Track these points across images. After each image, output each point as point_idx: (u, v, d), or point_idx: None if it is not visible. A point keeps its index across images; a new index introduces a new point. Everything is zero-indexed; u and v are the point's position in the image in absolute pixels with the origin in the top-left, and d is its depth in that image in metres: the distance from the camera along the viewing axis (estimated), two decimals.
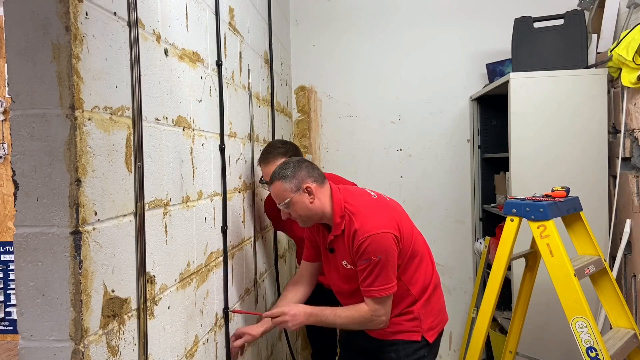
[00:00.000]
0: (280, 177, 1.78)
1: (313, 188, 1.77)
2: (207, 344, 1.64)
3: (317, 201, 1.78)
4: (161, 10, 1.34)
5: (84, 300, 0.95)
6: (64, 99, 0.93)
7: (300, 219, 1.82)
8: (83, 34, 0.97)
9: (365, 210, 1.77)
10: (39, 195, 0.94)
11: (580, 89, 2.53)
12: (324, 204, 1.80)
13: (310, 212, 1.79)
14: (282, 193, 1.78)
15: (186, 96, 1.51)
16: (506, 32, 2.84)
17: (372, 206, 1.80)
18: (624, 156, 2.44)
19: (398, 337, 1.83)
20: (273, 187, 1.81)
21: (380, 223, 1.73)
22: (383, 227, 1.72)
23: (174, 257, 1.39)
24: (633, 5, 2.45)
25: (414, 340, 1.82)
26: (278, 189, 1.78)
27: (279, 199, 1.80)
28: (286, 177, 1.77)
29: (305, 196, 1.77)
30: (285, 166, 1.81)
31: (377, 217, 1.75)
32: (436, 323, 1.87)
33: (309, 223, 1.86)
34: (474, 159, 3.40)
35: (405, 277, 1.81)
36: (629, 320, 2.03)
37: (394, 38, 3.46)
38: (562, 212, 2.00)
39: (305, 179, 1.78)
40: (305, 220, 1.83)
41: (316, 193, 1.78)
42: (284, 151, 2.16)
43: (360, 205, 1.78)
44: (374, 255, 1.69)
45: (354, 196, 1.83)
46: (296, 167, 1.79)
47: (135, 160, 1.16)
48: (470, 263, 3.45)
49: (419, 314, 1.83)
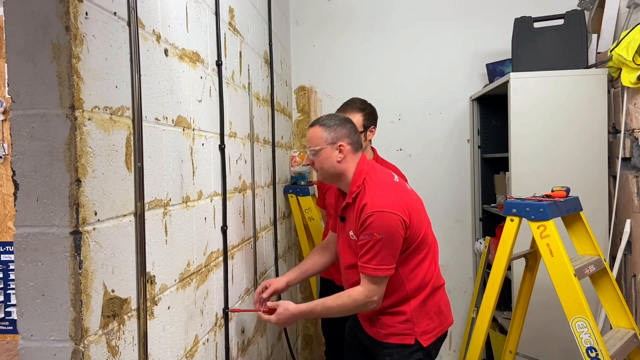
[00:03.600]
0: (322, 124, 1.82)
1: (346, 149, 1.79)
2: (207, 344, 1.64)
3: (344, 163, 1.80)
4: (161, 10, 1.34)
5: (84, 300, 0.95)
6: (64, 99, 0.93)
7: (321, 171, 1.84)
8: (83, 34, 0.97)
9: (380, 187, 1.75)
10: (39, 195, 0.94)
11: (580, 89, 2.53)
12: (348, 169, 1.80)
13: (332, 169, 1.81)
14: (316, 139, 1.81)
15: (186, 96, 1.51)
16: (506, 32, 2.84)
17: (389, 186, 1.77)
18: (624, 156, 2.44)
19: (391, 340, 1.80)
20: (311, 130, 1.84)
21: (391, 203, 1.69)
22: (392, 207, 1.68)
23: (174, 257, 1.39)
24: (633, 5, 2.45)
25: (407, 343, 1.78)
26: (314, 134, 1.82)
27: (311, 142, 1.83)
28: (328, 126, 1.80)
29: (335, 152, 1.79)
30: (331, 116, 1.85)
31: (390, 197, 1.72)
32: (432, 327, 1.82)
33: (327, 179, 1.87)
34: (474, 159, 3.40)
35: (403, 270, 1.77)
36: (629, 320, 2.03)
37: (394, 38, 3.46)
38: (562, 212, 2.00)
39: (343, 137, 1.80)
40: (324, 174, 1.84)
41: (346, 155, 1.80)
42: (362, 107, 2.36)
43: (378, 182, 1.77)
44: (377, 231, 1.66)
45: (376, 173, 1.82)
46: (340, 123, 1.82)
47: (135, 160, 1.16)
48: (470, 263, 3.45)
49: (411, 316, 1.78)
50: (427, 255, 1.82)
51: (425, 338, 1.79)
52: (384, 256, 1.68)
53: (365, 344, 1.93)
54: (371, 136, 2.43)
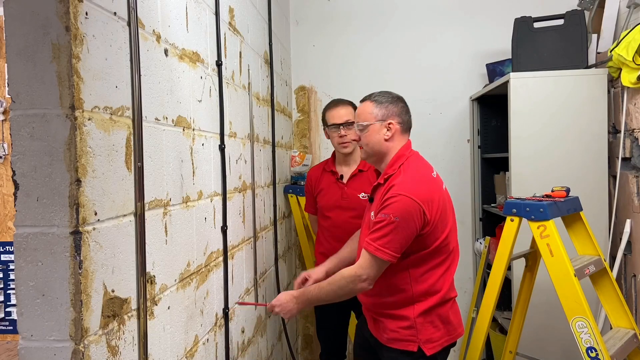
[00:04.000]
0: (373, 99, 1.80)
1: (394, 128, 1.77)
2: (207, 344, 1.64)
3: (390, 142, 1.77)
4: (161, 10, 1.34)
5: (84, 300, 0.95)
6: (64, 99, 0.93)
7: (366, 147, 1.81)
8: (83, 34, 0.97)
9: (414, 175, 1.71)
10: (39, 195, 0.94)
11: (580, 89, 2.53)
12: (393, 148, 1.78)
13: (377, 147, 1.78)
14: (366, 114, 1.79)
15: (186, 96, 1.51)
16: (506, 32, 2.83)
17: (423, 178, 1.73)
18: (624, 156, 2.44)
19: (393, 345, 1.77)
20: (362, 105, 1.82)
21: (418, 192, 1.64)
22: (417, 196, 1.63)
23: (174, 257, 1.39)
24: (633, 5, 2.45)
25: (409, 350, 1.73)
26: (365, 108, 1.80)
27: (360, 117, 1.80)
28: (379, 102, 1.78)
29: (383, 130, 1.77)
30: (384, 93, 1.83)
31: (419, 186, 1.67)
32: (438, 336, 1.75)
33: (370, 157, 1.83)
34: (474, 159, 3.40)
35: (414, 272, 1.72)
36: (629, 320, 2.03)
37: (394, 38, 3.46)
38: (562, 212, 2.00)
39: (394, 115, 1.78)
40: (368, 152, 1.82)
41: (394, 134, 1.78)
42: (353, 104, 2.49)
43: (414, 170, 1.73)
44: (393, 213, 1.62)
45: (416, 161, 1.78)
46: (392, 101, 1.80)
47: (135, 160, 1.16)
48: (470, 263, 3.45)
49: (415, 322, 1.74)
50: (443, 262, 1.75)
51: (429, 347, 1.73)
52: (391, 240, 1.62)
53: (371, 344, 1.92)
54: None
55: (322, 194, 2.57)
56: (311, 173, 2.69)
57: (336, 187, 2.53)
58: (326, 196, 2.56)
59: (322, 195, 2.57)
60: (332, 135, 2.51)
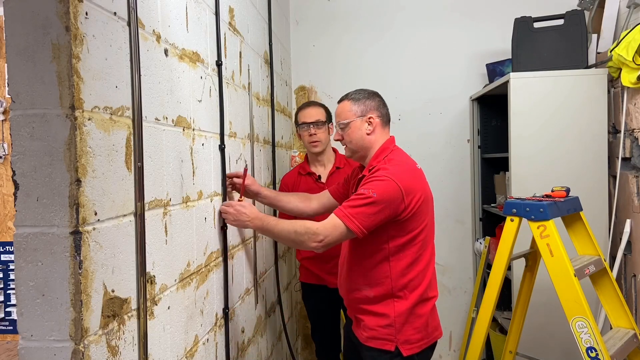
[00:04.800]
0: (350, 98, 1.84)
1: (375, 122, 1.81)
2: (207, 344, 1.64)
3: (372, 135, 1.80)
4: (161, 10, 1.34)
5: (84, 300, 0.95)
6: (64, 99, 0.93)
7: (350, 145, 1.84)
8: (83, 34, 0.97)
9: (398, 163, 1.74)
10: (39, 195, 0.94)
11: (580, 89, 2.53)
12: (376, 142, 1.81)
13: (361, 142, 1.81)
14: (345, 112, 1.83)
15: (186, 96, 1.51)
16: (506, 32, 2.84)
17: (407, 167, 1.76)
18: (624, 156, 2.44)
19: (372, 343, 1.76)
20: (339, 105, 1.87)
21: (400, 177, 1.67)
22: (398, 179, 1.66)
23: (174, 257, 1.39)
24: (633, 5, 2.45)
25: (386, 349, 1.73)
26: (343, 108, 1.84)
27: (340, 117, 1.84)
28: (356, 99, 1.82)
29: (365, 125, 1.80)
30: (359, 91, 1.87)
31: (402, 173, 1.70)
32: (417, 338, 1.75)
33: (355, 154, 1.86)
34: (474, 159, 3.40)
35: (395, 264, 1.73)
36: (629, 320, 2.03)
37: (394, 38, 3.46)
38: (562, 212, 2.00)
39: (372, 110, 1.81)
40: (352, 149, 1.85)
41: (376, 128, 1.81)
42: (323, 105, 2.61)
43: (398, 161, 1.76)
44: (373, 189, 1.63)
45: (400, 155, 1.81)
46: (369, 96, 1.84)
47: (135, 160, 1.16)
48: (470, 263, 3.45)
49: (394, 321, 1.73)
50: (421, 257, 1.76)
51: (407, 347, 1.73)
52: (363, 212, 1.62)
53: (354, 342, 1.92)
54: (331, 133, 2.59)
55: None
56: (286, 179, 2.67)
57: (316, 188, 2.51)
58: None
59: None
60: (303, 134, 2.56)
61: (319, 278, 2.56)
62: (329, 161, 2.59)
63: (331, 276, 2.50)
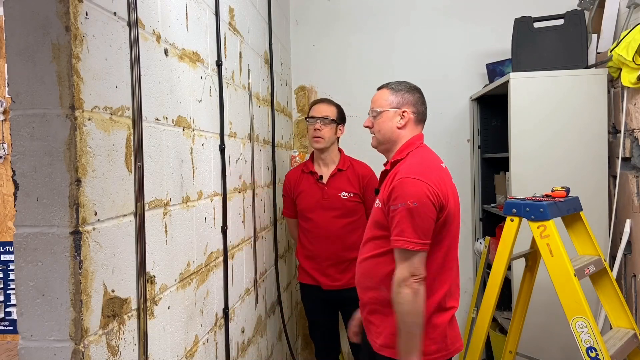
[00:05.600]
0: (390, 87, 1.81)
1: (408, 117, 1.76)
2: (207, 344, 1.64)
3: (402, 130, 1.76)
4: (161, 10, 1.34)
5: (84, 300, 0.95)
6: (64, 99, 0.93)
7: (378, 135, 1.80)
8: (83, 34, 0.97)
9: (422, 161, 1.67)
10: (39, 195, 0.94)
11: (580, 89, 2.53)
12: (404, 137, 1.77)
13: (389, 134, 1.77)
14: (381, 100, 1.79)
15: (186, 96, 1.51)
16: (506, 32, 2.83)
17: (432, 164, 1.69)
18: (624, 156, 2.44)
19: (386, 352, 1.67)
20: (378, 92, 1.83)
21: (427, 176, 1.59)
22: (426, 179, 1.58)
23: (174, 257, 1.39)
24: (633, 5, 2.45)
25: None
26: (380, 95, 1.81)
27: (375, 104, 1.81)
28: (395, 90, 1.79)
29: (397, 118, 1.76)
30: (401, 82, 1.83)
31: (429, 171, 1.62)
32: (433, 350, 1.64)
33: (381, 145, 1.81)
34: (474, 159, 3.40)
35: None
36: (629, 320, 2.03)
37: (394, 38, 3.46)
38: (562, 212, 2.00)
39: (408, 104, 1.77)
40: (379, 140, 1.80)
41: (407, 123, 1.77)
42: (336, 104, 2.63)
43: (422, 158, 1.69)
44: (409, 199, 1.54)
45: (426, 151, 1.75)
46: (409, 90, 1.80)
47: (135, 160, 1.16)
48: (470, 263, 3.45)
49: None
50: (443, 263, 1.66)
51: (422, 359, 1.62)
52: (411, 226, 1.53)
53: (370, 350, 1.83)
54: (340, 134, 2.61)
55: (302, 196, 2.56)
56: (289, 175, 2.67)
57: (316, 188, 2.52)
58: (306, 197, 2.54)
59: (302, 197, 2.56)
60: (309, 128, 2.55)
61: (313, 279, 2.56)
62: (333, 162, 2.57)
63: (325, 277, 2.51)
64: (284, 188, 2.66)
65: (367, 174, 2.57)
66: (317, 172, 2.56)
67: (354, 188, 2.51)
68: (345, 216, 2.48)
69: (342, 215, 2.48)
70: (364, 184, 2.54)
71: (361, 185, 2.53)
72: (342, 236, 2.48)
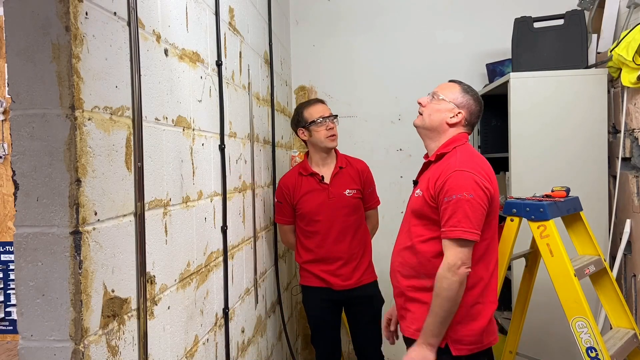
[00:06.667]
0: (462, 85, 1.83)
1: (461, 118, 1.79)
2: (207, 344, 1.64)
3: (451, 128, 1.79)
4: (161, 10, 1.34)
5: (84, 300, 0.95)
6: (64, 99, 0.93)
7: (426, 118, 1.82)
8: (83, 34, 0.97)
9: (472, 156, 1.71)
10: (39, 195, 0.94)
11: (580, 89, 2.53)
12: (448, 133, 1.79)
13: (437, 123, 1.79)
14: (448, 91, 1.81)
15: (186, 96, 1.51)
16: (506, 32, 2.83)
17: (482, 161, 1.73)
18: (624, 156, 2.44)
19: (417, 336, 1.69)
20: (449, 82, 1.86)
21: (478, 170, 1.65)
22: (478, 172, 1.64)
23: (174, 257, 1.39)
24: (633, 5, 2.45)
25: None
26: (451, 87, 1.83)
27: (442, 90, 1.83)
28: (465, 90, 1.81)
29: (449, 114, 1.79)
30: (472, 88, 1.86)
31: (480, 166, 1.68)
32: (470, 341, 1.66)
33: (424, 129, 1.84)
34: None
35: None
36: (629, 320, 2.03)
37: (394, 38, 3.46)
38: (562, 212, 2.00)
39: (468, 109, 1.80)
40: (425, 123, 1.83)
41: (457, 124, 1.80)
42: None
43: (471, 154, 1.74)
44: (466, 191, 1.60)
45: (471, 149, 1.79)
46: (474, 98, 1.82)
47: (135, 160, 1.16)
48: None
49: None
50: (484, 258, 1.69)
51: (458, 347, 1.66)
52: (465, 217, 1.58)
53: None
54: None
55: (305, 200, 2.46)
56: (285, 181, 2.53)
57: (320, 189, 2.46)
58: (310, 200, 2.46)
59: (306, 201, 2.46)
60: (317, 130, 2.45)
61: (323, 280, 2.50)
62: (332, 161, 2.53)
63: (336, 278, 2.47)
64: (279, 195, 2.54)
65: (364, 168, 2.58)
66: (317, 173, 2.50)
67: (356, 184, 2.51)
68: (352, 213, 2.48)
69: (350, 213, 2.47)
70: (364, 178, 2.54)
71: (361, 180, 2.53)
72: (351, 234, 2.47)
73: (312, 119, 2.46)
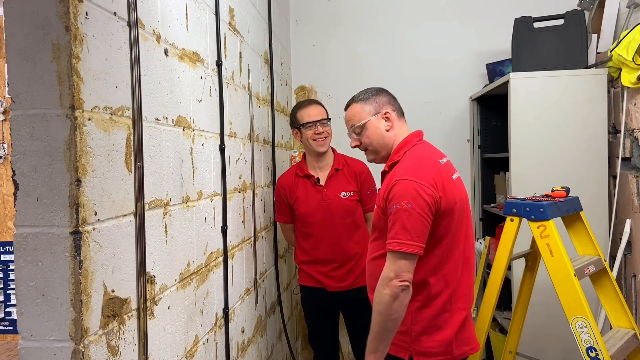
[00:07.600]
0: (358, 100, 1.75)
1: (392, 116, 1.71)
2: (207, 344, 1.64)
3: (391, 131, 1.71)
4: (161, 10, 1.34)
5: (84, 300, 0.95)
6: (64, 99, 0.93)
7: (371, 147, 1.73)
8: (83, 34, 0.97)
9: (417, 159, 1.61)
10: (39, 195, 0.94)
11: (580, 89, 2.53)
12: (397, 137, 1.71)
13: (382, 141, 1.70)
14: (358, 115, 1.73)
15: (186, 96, 1.51)
16: (506, 32, 2.84)
17: (428, 162, 1.62)
18: (624, 156, 2.44)
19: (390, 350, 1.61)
20: (349, 110, 1.77)
21: (420, 175, 1.54)
22: (420, 178, 1.53)
23: (174, 257, 1.39)
24: (633, 5, 2.45)
25: (400, 357, 1.61)
26: (354, 111, 1.74)
27: (354, 120, 1.74)
28: (365, 99, 1.73)
29: (382, 122, 1.71)
30: (364, 91, 1.77)
31: (422, 170, 1.56)
32: (437, 352, 1.58)
33: (377, 155, 1.75)
34: (474, 159, 3.40)
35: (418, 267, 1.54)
36: (629, 320, 2.03)
37: (394, 38, 3.46)
38: (562, 212, 2.00)
39: (385, 104, 1.73)
40: (375, 150, 1.74)
41: (394, 122, 1.71)
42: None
43: (419, 155, 1.64)
44: (403, 200, 1.50)
45: (423, 148, 1.69)
46: (377, 93, 1.75)
47: (135, 160, 1.16)
48: None
49: (410, 329, 1.59)
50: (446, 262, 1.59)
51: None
52: (403, 228, 1.49)
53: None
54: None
55: (300, 201, 2.46)
56: (282, 181, 2.53)
57: (314, 191, 2.45)
58: (305, 202, 2.45)
59: (301, 202, 2.45)
60: (307, 133, 2.43)
61: (317, 281, 2.51)
62: (328, 164, 2.51)
63: (330, 280, 2.47)
64: (277, 194, 2.55)
65: (363, 170, 2.52)
66: (313, 174, 2.49)
67: (352, 186, 2.48)
68: (347, 216, 2.46)
69: (344, 215, 2.46)
70: (361, 180, 2.50)
71: (358, 182, 2.49)
72: (346, 237, 2.44)
73: (303, 121, 2.45)
